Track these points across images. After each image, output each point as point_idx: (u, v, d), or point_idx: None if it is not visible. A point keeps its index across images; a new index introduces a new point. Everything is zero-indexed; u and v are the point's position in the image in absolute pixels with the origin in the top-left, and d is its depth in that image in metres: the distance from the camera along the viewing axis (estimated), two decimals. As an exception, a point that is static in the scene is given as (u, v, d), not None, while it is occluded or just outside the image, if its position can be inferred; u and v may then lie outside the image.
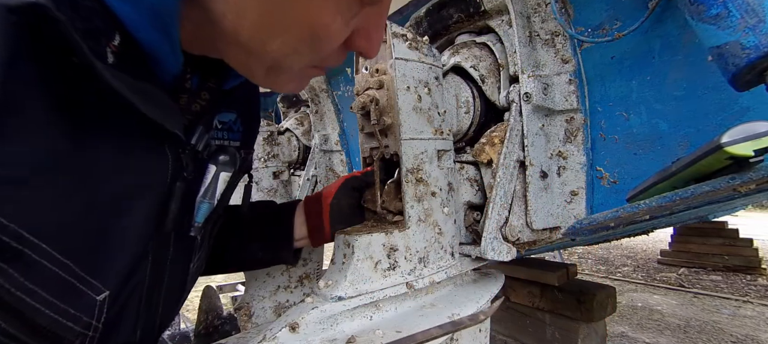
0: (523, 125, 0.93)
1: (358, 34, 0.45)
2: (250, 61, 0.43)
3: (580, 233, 0.95)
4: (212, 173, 0.57)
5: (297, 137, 2.20)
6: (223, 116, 0.59)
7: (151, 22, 0.37)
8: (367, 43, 0.46)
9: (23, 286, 0.34)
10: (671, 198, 0.71)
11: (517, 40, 0.95)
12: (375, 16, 0.45)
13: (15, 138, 0.32)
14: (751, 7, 0.59)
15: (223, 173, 0.58)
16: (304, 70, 0.47)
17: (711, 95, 0.81)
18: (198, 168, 0.55)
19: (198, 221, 0.56)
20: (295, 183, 2.17)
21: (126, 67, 0.36)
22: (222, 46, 0.43)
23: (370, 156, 0.83)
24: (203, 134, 0.53)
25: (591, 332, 1.81)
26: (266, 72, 0.44)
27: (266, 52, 0.41)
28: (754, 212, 11.41)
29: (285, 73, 0.46)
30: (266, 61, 0.43)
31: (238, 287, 3.51)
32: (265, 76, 0.45)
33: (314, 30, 0.40)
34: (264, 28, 0.39)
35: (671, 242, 4.98)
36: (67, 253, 0.37)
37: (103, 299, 0.42)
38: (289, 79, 0.47)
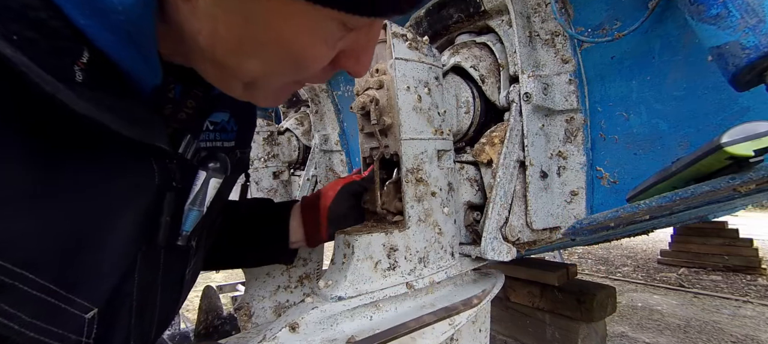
0: (523, 125, 0.93)
1: (345, 55, 0.43)
2: (227, 78, 0.42)
3: (580, 233, 0.95)
4: (202, 179, 0.55)
5: (297, 137, 2.20)
6: (215, 117, 0.58)
7: (123, 40, 0.35)
8: (354, 64, 0.45)
9: (5, 312, 0.34)
10: (671, 198, 0.71)
11: (517, 40, 0.95)
12: (363, 38, 0.43)
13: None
14: (751, 7, 0.59)
15: (213, 179, 0.56)
16: (284, 87, 0.46)
17: (711, 95, 0.81)
18: (187, 176, 0.54)
19: (186, 229, 0.54)
20: (295, 183, 2.17)
21: (97, 83, 0.34)
22: (198, 62, 0.42)
23: (370, 156, 0.83)
24: (191, 141, 0.52)
25: (591, 332, 1.81)
26: (244, 88, 0.43)
27: (243, 71, 0.40)
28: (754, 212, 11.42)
29: (263, 90, 0.44)
30: (244, 79, 0.41)
31: (238, 287, 3.51)
32: (243, 92, 0.43)
33: (293, 52, 0.38)
34: (239, 48, 0.37)
35: (671, 242, 4.98)
36: (50, 278, 0.37)
37: (92, 317, 0.42)
38: (268, 95, 0.46)
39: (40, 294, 0.36)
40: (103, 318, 0.43)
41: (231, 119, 0.60)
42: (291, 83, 0.45)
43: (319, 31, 0.38)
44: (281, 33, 0.36)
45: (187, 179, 0.54)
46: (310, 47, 0.38)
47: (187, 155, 0.51)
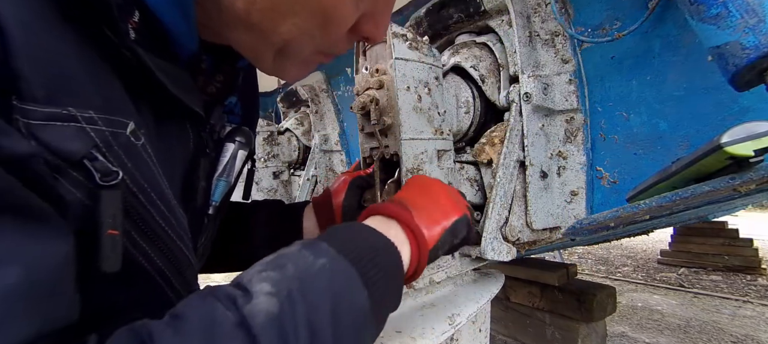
0: (523, 125, 0.93)
1: (366, 19, 0.45)
2: (260, 45, 0.43)
3: (580, 233, 0.95)
4: (230, 151, 0.58)
5: (297, 137, 2.20)
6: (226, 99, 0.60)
7: (172, 2, 0.37)
8: (374, 28, 0.47)
9: (157, 220, 0.38)
10: (671, 198, 0.71)
11: (517, 40, 0.95)
12: (382, 2, 0.45)
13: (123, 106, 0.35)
14: (751, 7, 0.59)
15: (240, 151, 0.59)
16: (311, 56, 0.47)
17: (711, 95, 0.81)
18: (215, 148, 0.56)
19: (215, 200, 0.56)
20: (295, 183, 2.17)
21: (146, 44, 0.36)
22: (231, 30, 0.43)
23: (370, 156, 0.83)
24: (220, 114, 0.54)
25: (591, 332, 1.81)
26: (274, 57, 0.45)
27: (277, 35, 0.41)
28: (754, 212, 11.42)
29: (292, 59, 0.46)
30: (276, 44, 0.43)
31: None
32: (273, 62, 0.45)
33: (325, 11, 0.40)
34: (275, 10, 0.39)
35: (671, 242, 4.98)
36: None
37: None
38: (296, 65, 0.48)
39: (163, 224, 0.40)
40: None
41: (238, 102, 0.62)
42: (316, 53, 0.47)
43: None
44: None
45: (216, 152, 0.56)
46: (340, 5, 0.41)
47: (217, 127, 0.54)
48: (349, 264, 0.40)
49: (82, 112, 0.31)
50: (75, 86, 0.31)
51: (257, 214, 0.80)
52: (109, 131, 0.33)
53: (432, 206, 0.55)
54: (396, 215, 0.50)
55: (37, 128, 0.29)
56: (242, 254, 0.80)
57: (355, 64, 0.86)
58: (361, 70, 0.85)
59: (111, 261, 0.33)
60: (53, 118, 0.30)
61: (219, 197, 0.57)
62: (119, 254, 0.34)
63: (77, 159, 0.31)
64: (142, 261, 0.38)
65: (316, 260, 0.39)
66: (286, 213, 0.82)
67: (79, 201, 0.31)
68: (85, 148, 0.31)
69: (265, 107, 2.69)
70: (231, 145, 0.58)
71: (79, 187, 0.31)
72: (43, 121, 0.29)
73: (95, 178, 0.32)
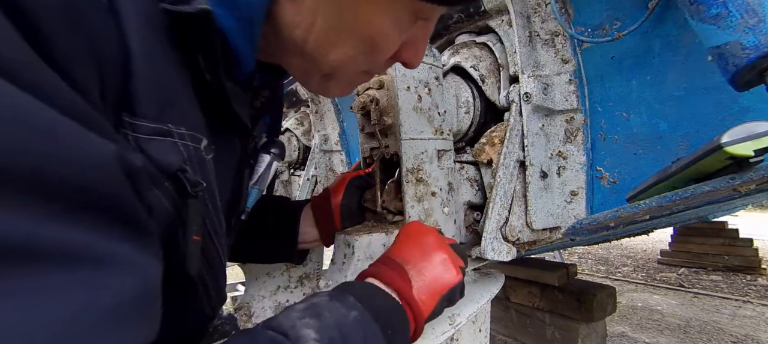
0: (523, 125, 0.93)
1: (407, 46, 0.48)
2: (311, 69, 0.46)
3: (580, 233, 0.95)
4: (266, 161, 0.61)
5: (297, 137, 2.20)
6: None
7: (244, 29, 0.40)
8: (414, 54, 0.49)
9: (210, 230, 0.41)
10: (671, 198, 0.71)
11: (517, 40, 0.95)
12: (423, 30, 0.48)
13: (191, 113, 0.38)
14: (751, 7, 0.59)
15: (275, 162, 0.62)
16: (355, 77, 0.50)
17: (711, 95, 0.81)
18: (254, 158, 0.60)
19: (248, 206, 0.59)
20: (295, 183, 2.17)
21: (222, 66, 0.40)
22: (285, 55, 0.46)
23: (370, 156, 0.83)
24: (263, 127, 0.58)
25: (591, 332, 1.81)
26: (320, 79, 0.48)
27: (327, 62, 0.44)
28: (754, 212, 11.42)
29: (337, 80, 0.49)
30: (324, 70, 0.46)
31: (238, 287, 3.51)
32: (318, 83, 0.49)
33: (373, 40, 0.43)
34: (329, 39, 0.42)
35: (671, 242, 4.98)
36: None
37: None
38: (340, 85, 0.50)
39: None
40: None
41: (267, 114, 0.64)
42: (361, 73, 0.50)
43: (396, 20, 0.43)
44: (368, 20, 0.41)
45: (254, 162, 0.60)
46: (388, 34, 0.43)
47: (258, 139, 0.57)
48: (373, 320, 0.44)
49: (177, 128, 0.35)
50: (175, 104, 0.35)
51: (256, 209, 0.80)
52: (193, 146, 0.36)
53: (430, 273, 0.56)
54: (396, 288, 0.52)
55: (144, 142, 0.32)
56: (238, 247, 0.81)
57: (355, 64, 0.86)
58: (361, 70, 0.85)
59: (193, 265, 0.36)
60: (157, 133, 0.33)
61: (251, 204, 0.60)
62: (198, 259, 0.37)
63: (173, 171, 0.34)
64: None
65: (349, 312, 0.42)
66: (284, 211, 0.83)
67: (167, 211, 0.34)
68: (178, 161, 0.34)
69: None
70: (266, 156, 0.61)
71: (169, 197, 0.34)
72: (150, 135, 0.32)
73: (187, 188, 0.34)
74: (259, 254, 0.85)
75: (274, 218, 0.81)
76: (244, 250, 0.82)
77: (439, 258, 0.58)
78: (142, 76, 0.31)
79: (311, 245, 0.83)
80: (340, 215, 0.79)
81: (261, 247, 0.81)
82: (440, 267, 0.57)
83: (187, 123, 0.36)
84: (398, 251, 0.58)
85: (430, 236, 0.60)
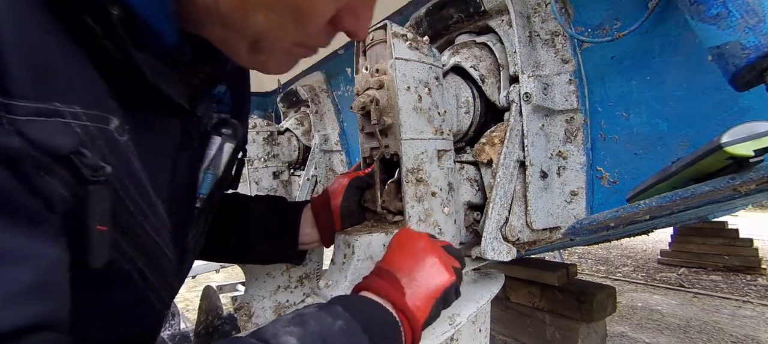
0: (523, 125, 0.93)
1: (346, 13, 0.44)
2: (232, 38, 0.42)
3: (580, 233, 0.95)
4: (217, 144, 0.57)
5: (297, 137, 2.20)
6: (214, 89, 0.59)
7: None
8: (354, 22, 0.45)
9: (135, 217, 0.38)
10: (671, 198, 0.71)
11: (517, 40, 0.95)
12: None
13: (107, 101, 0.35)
14: (751, 7, 0.59)
15: (227, 144, 0.58)
16: (290, 50, 0.46)
17: (711, 95, 0.81)
18: (202, 140, 0.56)
19: (202, 192, 0.56)
20: (295, 183, 2.17)
21: (127, 36, 0.36)
22: (204, 23, 0.42)
23: (370, 156, 0.83)
24: (207, 106, 0.53)
25: (591, 332, 1.81)
26: (249, 50, 0.44)
27: (247, 27, 0.41)
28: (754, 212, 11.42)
29: (268, 52, 0.45)
30: (248, 37, 0.42)
31: (238, 287, 3.51)
32: (249, 55, 0.44)
33: (297, 4, 0.39)
34: (244, 2, 0.39)
35: (671, 242, 4.98)
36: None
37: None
38: (273, 58, 0.46)
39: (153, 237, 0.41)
40: None
41: (227, 91, 0.61)
42: (295, 46, 0.46)
43: None
44: None
45: (202, 144, 0.56)
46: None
47: (204, 119, 0.53)
48: (361, 331, 0.43)
49: (68, 107, 0.31)
50: (60, 81, 0.31)
51: (257, 208, 0.80)
52: (94, 126, 0.33)
53: (423, 278, 0.55)
54: (389, 298, 0.52)
55: (23, 124, 0.28)
56: (238, 247, 0.81)
57: (355, 64, 0.86)
58: (361, 70, 0.85)
59: (100, 257, 0.33)
60: (39, 113, 0.29)
61: (206, 189, 0.56)
62: (107, 250, 0.34)
63: (64, 155, 0.30)
64: (120, 259, 0.38)
65: (334, 321, 0.41)
66: (285, 211, 0.83)
67: (65, 199, 0.31)
68: (71, 144, 0.30)
69: (265, 107, 2.69)
70: (217, 138, 0.57)
71: (66, 185, 0.31)
72: (29, 116, 0.28)
73: (83, 174, 0.31)
74: (259, 255, 0.85)
75: (274, 218, 0.80)
76: (244, 250, 0.82)
77: (430, 261, 0.57)
78: (11, 50, 0.28)
79: (311, 245, 0.83)
80: (340, 216, 0.79)
81: (261, 248, 0.81)
82: (432, 270, 0.56)
83: (82, 101, 0.32)
84: (389, 260, 0.58)
85: (420, 241, 0.60)
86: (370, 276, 0.57)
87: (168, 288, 0.47)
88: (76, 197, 0.31)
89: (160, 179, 0.45)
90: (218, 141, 0.57)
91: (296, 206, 0.83)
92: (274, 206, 0.83)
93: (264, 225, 0.79)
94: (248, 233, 0.79)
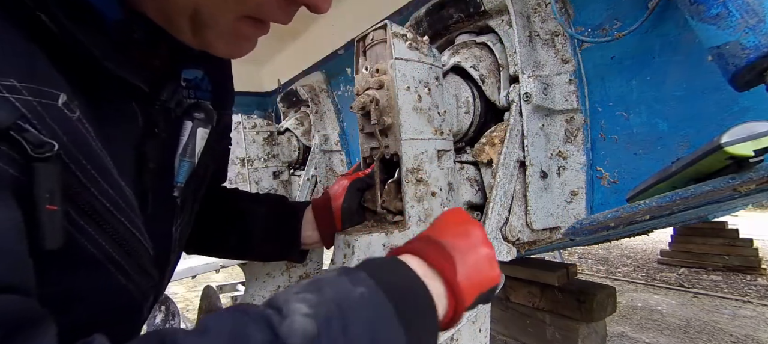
0: (523, 125, 0.93)
1: None
2: (168, 12, 0.40)
3: (580, 233, 0.95)
4: (189, 129, 0.54)
5: (297, 137, 2.20)
6: (188, 73, 0.55)
7: None
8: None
9: (97, 198, 0.37)
10: (671, 198, 0.71)
11: (517, 40, 0.95)
12: None
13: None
14: (751, 7, 0.59)
15: (200, 129, 0.54)
16: (237, 26, 0.42)
17: (711, 95, 0.81)
18: (173, 127, 0.53)
19: (179, 181, 0.53)
20: (295, 183, 2.17)
21: (64, 11, 0.34)
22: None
23: (370, 156, 0.83)
24: (173, 90, 0.50)
25: (591, 332, 1.81)
26: (191, 26, 0.41)
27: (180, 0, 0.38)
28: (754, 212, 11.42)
29: (212, 29, 0.41)
30: (185, 10, 0.39)
31: (238, 287, 3.51)
32: (193, 34, 0.42)
33: None
34: None
35: (671, 242, 4.98)
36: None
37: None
38: (219, 36, 0.43)
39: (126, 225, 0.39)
40: None
41: (205, 76, 0.58)
42: (242, 21, 0.42)
43: None
44: None
45: (172, 130, 0.53)
46: None
47: (170, 103, 0.50)
48: (386, 299, 0.37)
49: (5, 80, 0.30)
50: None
51: (257, 207, 0.80)
52: (37, 102, 0.31)
53: (476, 264, 0.50)
54: (441, 270, 0.45)
55: None
56: (237, 245, 0.80)
57: (355, 64, 0.86)
58: (361, 70, 0.85)
59: (53, 238, 0.32)
60: None
61: (183, 178, 0.53)
62: (60, 231, 0.32)
63: (2, 130, 0.29)
64: (84, 242, 0.36)
65: (354, 287, 0.37)
66: (286, 212, 0.83)
67: (11, 176, 0.29)
68: (9, 118, 0.29)
69: (265, 107, 2.70)
70: (189, 123, 0.54)
71: (10, 162, 0.29)
72: None
73: (27, 150, 0.30)
74: (259, 254, 0.85)
75: (275, 219, 0.81)
76: (245, 249, 0.82)
77: (486, 251, 0.52)
78: None
79: (312, 246, 0.83)
80: (341, 218, 0.79)
81: (261, 247, 0.81)
82: (487, 261, 0.51)
83: (20, 75, 0.30)
84: (441, 233, 0.51)
85: (478, 229, 0.54)
86: (415, 240, 0.50)
87: (144, 275, 0.45)
88: (22, 175, 0.30)
89: (123, 163, 0.42)
90: (190, 126, 0.54)
91: (297, 207, 0.83)
92: (276, 206, 0.83)
93: (265, 226, 0.79)
94: (249, 233, 0.79)
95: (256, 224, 0.79)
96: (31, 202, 0.30)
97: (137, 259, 0.43)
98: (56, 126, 0.32)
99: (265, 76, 2.46)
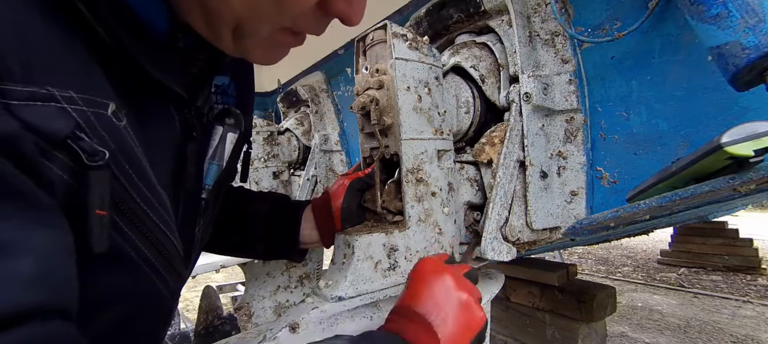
0: (523, 125, 0.93)
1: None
2: (214, 24, 0.42)
3: (580, 233, 0.95)
4: (219, 134, 0.56)
5: (297, 137, 2.20)
6: (217, 80, 0.58)
7: None
8: (346, 6, 0.43)
9: (138, 203, 0.38)
10: (671, 198, 0.71)
11: (517, 40, 0.95)
12: None
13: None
14: (751, 7, 0.59)
15: (230, 134, 0.57)
16: (275, 36, 0.45)
17: (711, 95, 0.81)
18: (204, 131, 0.55)
19: (208, 183, 0.55)
20: (295, 183, 2.17)
21: (118, 23, 0.36)
22: (186, 9, 0.42)
23: (370, 156, 0.83)
24: (207, 95, 0.53)
25: (591, 332, 1.81)
26: (233, 36, 0.43)
27: (227, 12, 0.40)
28: (754, 212, 11.42)
29: (252, 38, 0.44)
30: (229, 23, 0.41)
31: (238, 287, 3.50)
32: (233, 43, 0.44)
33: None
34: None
35: (671, 242, 4.98)
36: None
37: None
38: (260, 46, 0.45)
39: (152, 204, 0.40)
40: None
41: (231, 82, 0.60)
42: (280, 32, 0.44)
43: None
44: None
45: (204, 134, 0.55)
46: None
47: (204, 109, 0.52)
48: None
49: (62, 92, 0.31)
50: (52, 66, 0.31)
51: (257, 207, 0.80)
52: (91, 112, 0.33)
53: (456, 321, 0.52)
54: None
55: (18, 109, 0.28)
56: (236, 243, 0.81)
57: (355, 64, 0.86)
58: (361, 70, 0.85)
59: (100, 242, 0.33)
60: (33, 97, 0.29)
61: (211, 180, 0.56)
62: (106, 235, 0.34)
63: (61, 139, 0.30)
64: (122, 244, 0.37)
65: None
66: (285, 212, 0.83)
67: (65, 183, 0.31)
68: (67, 128, 0.31)
69: (265, 107, 2.69)
70: (220, 127, 0.56)
71: (65, 169, 0.31)
72: (24, 101, 0.28)
73: (82, 158, 0.31)
74: (259, 253, 0.85)
75: (275, 218, 0.81)
76: (244, 248, 0.83)
77: (462, 300, 0.53)
78: (3, 36, 0.28)
79: (311, 246, 0.83)
80: (340, 218, 0.79)
81: (261, 247, 0.81)
82: (465, 311, 0.53)
83: (77, 86, 0.32)
84: (416, 300, 0.53)
85: (447, 278, 0.56)
86: (397, 317, 0.53)
87: (176, 276, 0.47)
88: (76, 182, 0.31)
89: (162, 168, 0.44)
90: (220, 131, 0.57)
91: (297, 206, 0.83)
92: (275, 205, 0.83)
93: (264, 224, 0.80)
94: (249, 232, 0.79)
95: (256, 223, 0.79)
96: (83, 208, 0.32)
97: (170, 260, 0.44)
98: (106, 134, 0.34)
99: (265, 77, 2.46)
